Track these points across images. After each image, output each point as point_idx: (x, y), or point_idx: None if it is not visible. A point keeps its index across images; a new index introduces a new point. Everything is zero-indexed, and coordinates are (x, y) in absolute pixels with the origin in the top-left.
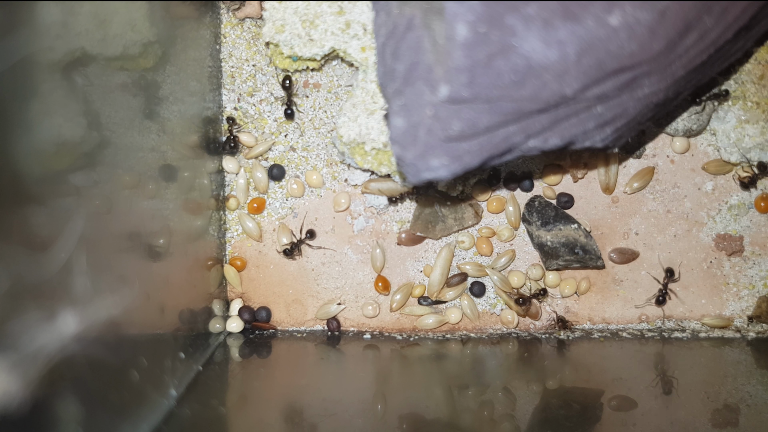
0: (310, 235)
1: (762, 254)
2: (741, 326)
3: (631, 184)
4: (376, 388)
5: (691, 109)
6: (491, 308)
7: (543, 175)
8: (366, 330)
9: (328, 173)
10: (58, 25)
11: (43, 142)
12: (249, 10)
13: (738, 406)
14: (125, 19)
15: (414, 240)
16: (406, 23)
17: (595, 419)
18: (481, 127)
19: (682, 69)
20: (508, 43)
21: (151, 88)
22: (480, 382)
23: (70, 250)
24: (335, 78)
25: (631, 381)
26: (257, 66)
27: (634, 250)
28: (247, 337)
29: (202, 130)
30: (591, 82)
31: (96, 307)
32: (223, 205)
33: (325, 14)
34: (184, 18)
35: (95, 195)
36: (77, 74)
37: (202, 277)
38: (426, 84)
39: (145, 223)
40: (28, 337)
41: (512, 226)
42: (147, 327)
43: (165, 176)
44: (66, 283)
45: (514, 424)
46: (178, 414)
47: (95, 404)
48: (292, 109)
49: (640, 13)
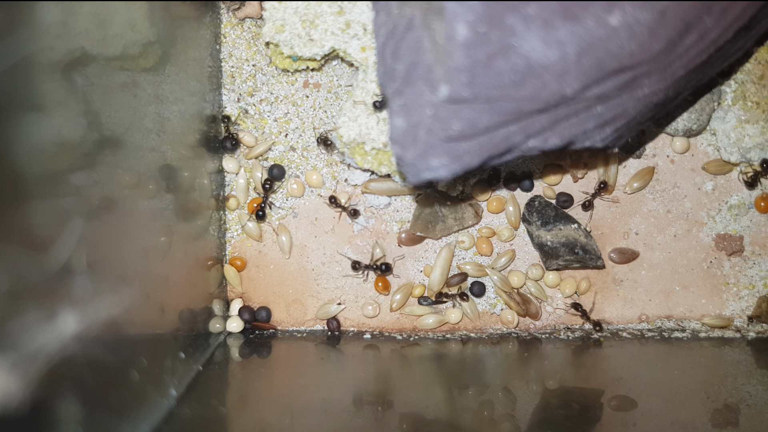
0: (354, 213)
1: (762, 254)
2: (741, 326)
3: (631, 184)
4: (376, 388)
5: (691, 109)
6: (491, 308)
7: (543, 175)
8: (366, 330)
9: (328, 173)
10: (58, 25)
11: (43, 142)
12: (249, 10)
13: (738, 406)
14: (125, 19)
15: (414, 240)
16: (406, 23)
17: (595, 419)
18: (481, 127)
19: (682, 69)
20: (508, 43)
21: (151, 88)
22: (480, 382)
23: (70, 250)
24: (335, 78)
25: (631, 381)
26: (257, 66)
27: (634, 250)
28: (247, 337)
29: (202, 130)
30: (591, 82)
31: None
32: (223, 205)
33: (325, 14)
34: (184, 18)
35: (95, 195)
36: (77, 74)
37: (202, 277)
38: (426, 84)
39: (145, 223)
40: (28, 337)
41: (512, 226)
42: (147, 327)
43: (165, 176)
44: (66, 283)
45: (514, 424)
46: (178, 414)
47: (95, 404)
48: (264, 211)
49: (640, 13)
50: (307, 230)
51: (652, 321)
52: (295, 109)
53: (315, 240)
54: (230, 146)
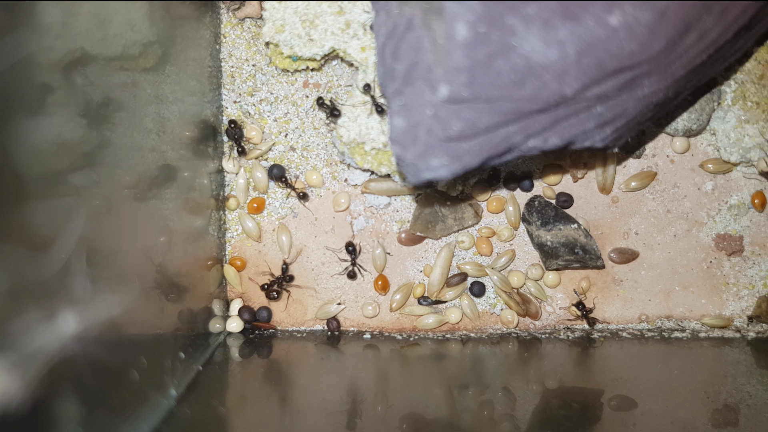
0: (290, 279)
1: (762, 254)
2: (741, 326)
3: (628, 183)
4: (376, 388)
5: (691, 109)
6: (491, 308)
7: (543, 175)
8: (366, 330)
9: (328, 173)
10: (58, 25)
11: (43, 142)
12: (249, 10)
13: (738, 406)
14: (125, 19)
15: (414, 240)
16: (406, 23)
17: (595, 419)
18: (481, 127)
19: (682, 69)
20: (508, 43)
21: (151, 88)
22: (480, 382)
23: (70, 250)
24: (335, 78)
25: (631, 381)
26: (257, 66)
27: (634, 250)
28: (247, 337)
29: (202, 130)
30: (591, 82)
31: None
32: (223, 205)
33: (325, 14)
34: (184, 18)
35: (95, 195)
36: (77, 74)
37: (202, 277)
38: (426, 84)
39: (145, 223)
40: (28, 337)
41: (512, 226)
42: (147, 327)
43: (165, 176)
44: (66, 283)
45: (514, 424)
46: (178, 414)
47: (95, 404)
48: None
49: (640, 13)
50: (307, 230)
51: (652, 321)
52: (295, 109)
53: (315, 240)
54: (238, 154)
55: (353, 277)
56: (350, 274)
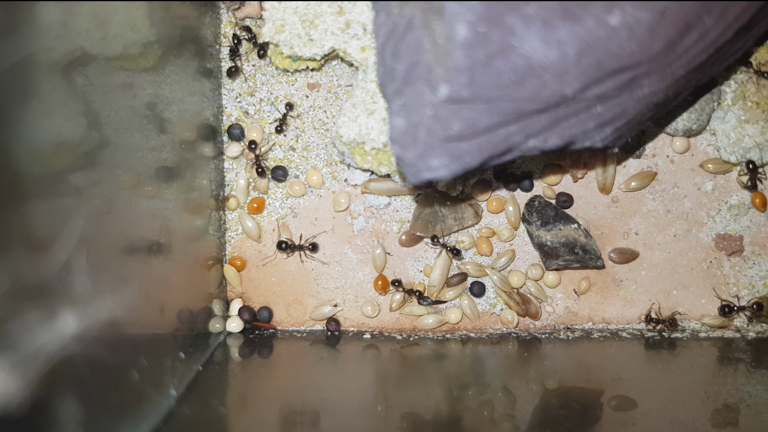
0: (312, 248)
1: (762, 254)
2: (741, 326)
3: (628, 183)
4: (376, 388)
5: (691, 109)
6: (491, 308)
7: (543, 175)
8: (366, 330)
9: (328, 173)
10: (58, 25)
11: (43, 142)
12: (249, 10)
13: (738, 406)
14: (125, 19)
15: (414, 240)
16: (406, 23)
17: (595, 419)
18: (481, 127)
19: (682, 69)
20: (508, 43)
21: (151, 88)
22: (480, 382)
23: (70, 250)
24: (335, 78)
25: (631, 381)
26: (257, 66)
27: (634, 250)
28: (247, 337)
29: (202, 130)
30: (591, 82)
31: (96, 307)
32: (223, 205)
33: (325, 14)
34: (184, 18)
35: (95, 195)
36: (77, 74)
37: (202, 277)
38: (426, 84)
39: (145, 223)
40: (28, 337)
41: (512, 226)
42: (147, 327)
43: (165, 176)
44: (66, 283)
45: (514, 424)
46: (178, 414)
47: (95, 404)
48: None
49: (640, 13)
50: (307, 230)
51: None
52: (295, 109)
53: (315, 240)
54: (258, 174)
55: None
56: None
